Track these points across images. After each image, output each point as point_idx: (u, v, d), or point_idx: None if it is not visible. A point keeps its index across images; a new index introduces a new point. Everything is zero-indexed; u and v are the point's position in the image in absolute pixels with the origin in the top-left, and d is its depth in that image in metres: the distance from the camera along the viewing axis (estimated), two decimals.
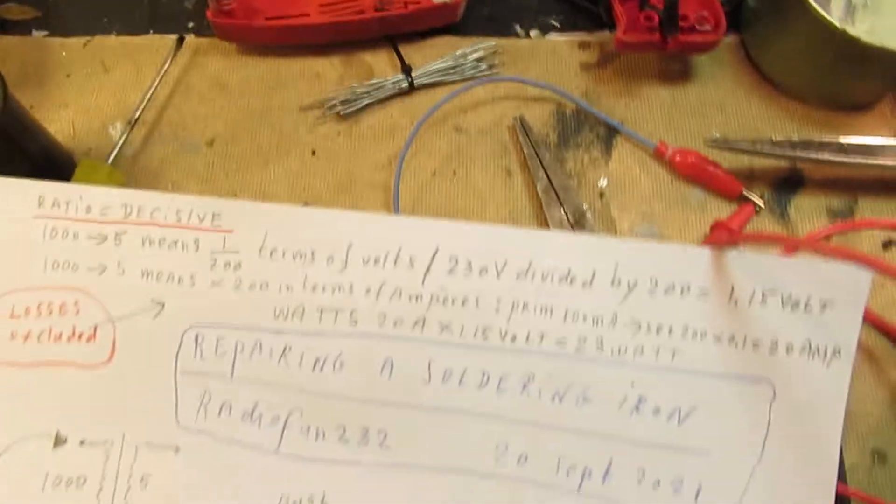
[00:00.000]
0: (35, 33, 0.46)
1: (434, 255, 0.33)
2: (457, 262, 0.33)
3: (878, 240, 0.40)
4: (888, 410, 0.38)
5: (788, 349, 0.32)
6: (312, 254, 0.33)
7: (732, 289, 0.32)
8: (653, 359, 0.32)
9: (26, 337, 0.34)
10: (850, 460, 0.36)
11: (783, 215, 0.41)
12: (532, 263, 0.33)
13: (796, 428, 0.32)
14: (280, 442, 0.33)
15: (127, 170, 0.41)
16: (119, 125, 0.43)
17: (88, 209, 0.34)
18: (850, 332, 0.31)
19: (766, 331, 0.32)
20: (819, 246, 0.34)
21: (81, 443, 0.33)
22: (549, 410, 0.33)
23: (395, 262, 0.33)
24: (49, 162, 0.39)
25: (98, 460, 0.33)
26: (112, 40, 0.45)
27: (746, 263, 0.32)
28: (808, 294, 0.31)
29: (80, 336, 0.34)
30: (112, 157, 0.40)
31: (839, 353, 0.31)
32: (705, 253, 0.32)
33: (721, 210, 0.41)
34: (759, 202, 0.41)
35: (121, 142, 0.41)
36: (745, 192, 0.41)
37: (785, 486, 0.32)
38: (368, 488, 0.33)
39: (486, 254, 0.33)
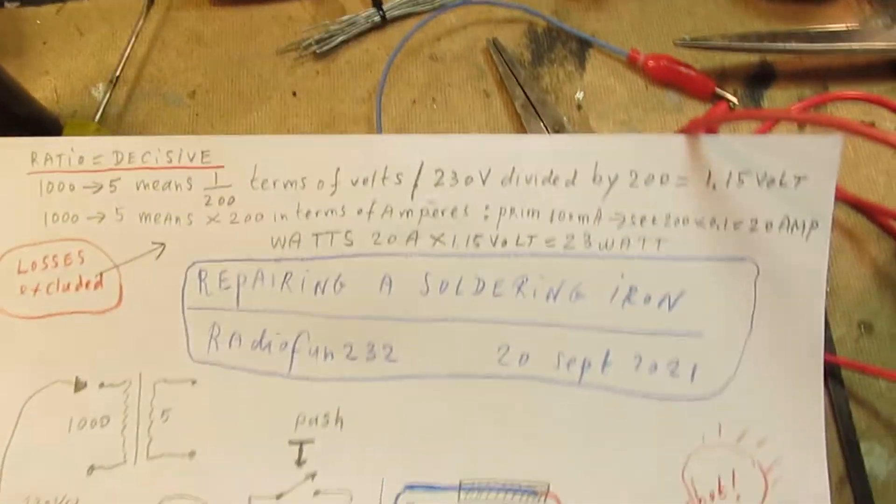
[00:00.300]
0: (7, 5, 0.46)
1: (420, 170, 0.34)
2: (442, 174, 0.34)
3: (853, 118, 0.41)
4: (871, 283, 0.39)
5: (768, 226, 0.33)
6: (303, 180, 0.34)
7: (710, 173, 0.33)
8: (639, 249, 0.34)
9: (35, 290, 0.35)
10: (837, 333, 0.38)
11: (758, 106, 0.42)
12: (515, 168, 0.34)
13: (781, 300, 0.33)
14: (291, 366, 0.35)
15: (113, 128, 0.42)
16: (101, 86, 0.43)
17: (81, 160, 0.35)
18: (825, 202, 0.32)
19: (746, 210, 0.33)
20: (801, 115, 0.35)
21: (101, 385, 0.35)
22: (544, 309, 0.34)
23: (384, 181, 0.34)
24: (38, 126, 0.39)
25: (119, 400, 0.35)
26: (85, 5, 0.46)
27: (721, 146, 0.33)
28: (782, 170, 0.33)
29: (87, 284, 0.35)
30: (98, 117, 0.41)
31: (817, 224, 0.33)
32: (681, 140, 0.33)
33: (696, 110, 0.42)
34: (733, 99, 0.42)
35: (104, 101, 0.42)
36: (718, 91, 0.42)
37: (775, 357, 0.33)
38: (380, 401, 0.34)
39: (469, 163, 0.34)
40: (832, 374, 0.37)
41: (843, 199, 0.40)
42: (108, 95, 0.42)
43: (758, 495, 0.33)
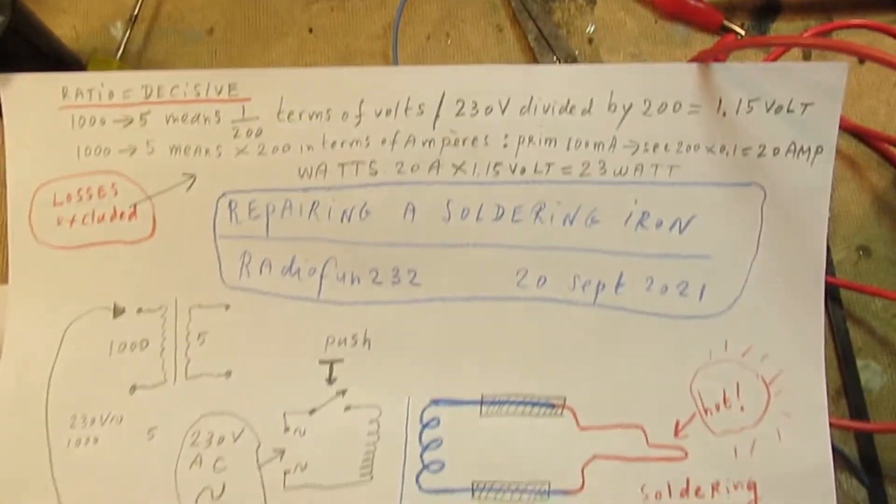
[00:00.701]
0: None
1: (441, 100, 0.35)
2: (463, 104, 0.35)
3: (854, 57, 0.43)
4: (871, 210, 0.41)
5: (775, 152, 0.35)
6: (328, 112, 0.36)
7: (720, 101, 0.34)
8: (652, 175, 0.35)
9: (71, 221, 0.37)
10: (837, 256, 0.40)
11: (763, 33, 0.43)
12: (533, 98, 0.35)
13: (787, 223, 0.35)
14: (319, 290, 0.36)
15: (134, 66, 0.43)
16: (119, 24, 0.44)
17: (111, 94, 0.36)
18: (830, 128, 0.34)
19: (754, 137, 0.35)
20: (810, 40, 0.36)
21: (139, 311, 0.37)
22: (561, 234, 0.36)
23: (406, 111, 0.35)
24: (61, 63, 0.40)
25: (156, 324, 0.36)
26: None
27: (732, 74, 0.34)
28: (790, 97, 0.34)
29: (121, 215, 0.37)
30: (119, 55, 0.42)
31: (821, 149, 0.34)
32: (693, 69, 0.34)
33: (704, 43, 0.43)
34: (741, 31, 0.43)
35: (124, 39, 0.42)
36: (725, 23, 0.43)
37: (780, 278, 0.35)
38: (405, 323, 0.36)
39: (489, 93, 0.35)
40: (831, 294, 0.39)
41: (845, 128, 0.41)
42: (127, 33, 0.43)
43: (760, 406, 0.35)
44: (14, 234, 0.37)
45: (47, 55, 0.39)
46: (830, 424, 0.35)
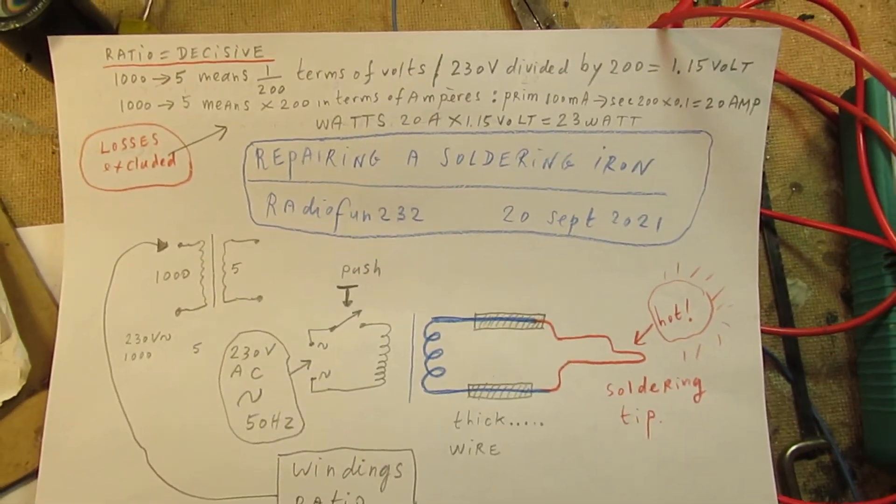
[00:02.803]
0: None
1: (440, 61, 0.41)
2: (458, 64, 0.41)
3: (793, 14, 0.49)
4: (803, 152, 0.48)
5: (720, 104, 0.41)
6: (341, 71, 0.41)
7: (675, 61, 0.41)
8: (618, 125, 0.41)
9: (118, 167, 0.42)
10: (773, 193, 0.47)
11: (717, 3, 0.49)
12: (518, 59, 0.41)
13: (729, 164, 0.41)
14: (336, 226, 0.42)
15: (158, 27, 0.48)
16: None
17: (150, 55, 0.41)
18: (765, 83, 0.40)
19: (703, 91, 0.41)
20: (748, 11, 0.42)
21: (179, 245, 0.42)
22: (541, 176, 0.42)
23: (409, 71, 0.41)
24: (94, 25, 0.44)
25: (195, 257, 0.42)
26: None
27: (685, 38, 0.40)
28: (732, 57, 0.40)
29: (161, 162, 0.42)
30: (145, 16, 0.47)
31: (759, 101, 0.41)
32: (652, 34, 0.40)
33: (666, 6, 0.49)
34: None
35: (149, 2, 0.47)
36: None
37: (723, 209, 0.42)
38: (409, 253, 0.42)
39: (480, 55, 0.41)
40: (767, 225, 0.46)
41: (783, 81, 0.47)
42: None
43: (705, 317, 0.42)
44: (67, 179, 0.42)
45: (86, 18, 0.43)
46: (762, 331, 0.42)
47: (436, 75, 0.41)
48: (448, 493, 0.40)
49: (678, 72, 0.41)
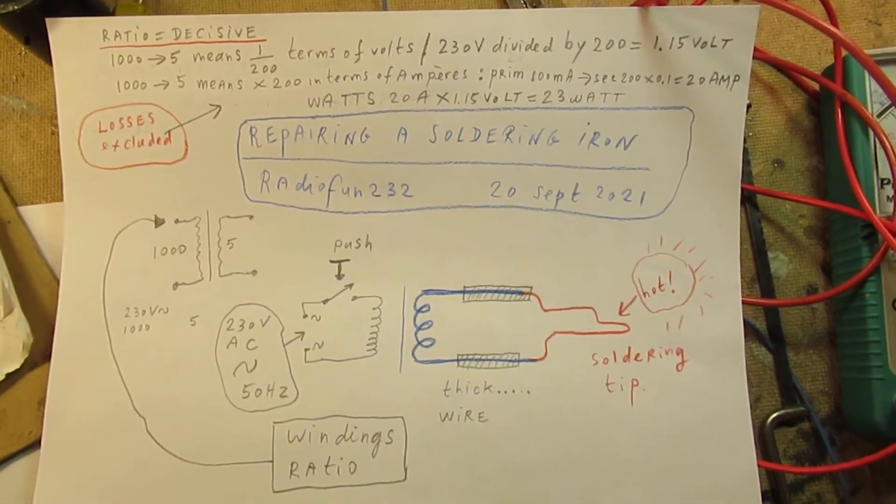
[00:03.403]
0: None
1: (427, 40, 0.42)
2: (445, 43, 0.42)
3: None
4: (784, 129, 0.49)
5: (701, 80, 0.42)
6: (332, 51, 0.42)
7: (657, 38, 0.42)
8: (602, 102, 0.43)
9: (115, 146, 0.43)
10: (756, 168, 0.48)
11: None
12: (503, 38, 0.42)
13: (710, 139, 0.43)
14: (328, 202, 0.44)
15: (154, 8, 0.49)
16: None
17: (146, 36, 0.42)
18: (745, 59, 0.41)
19: (684, 68, 0.42)
20: None
21: (176, 221, 0.44)
22: (527, 152, 0.43)
23: (398, 50, 0.42)
24: (92, 6, 0.45)
25: (191, 233, 0.44)
26: None
27: (666, 16, 0.41)
28: (713, 34, 0.41)
29: (158, 140, 0.43)
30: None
31: (738, 77, 0.42)
32: (634, 12, 0.41)
33: None
34: None
35: None
36: None
37: (704, 184, 0.43)
38: (400, 228, 0.44)
39: (467, 34, 0.42)
40: (749, 200, 0.47)
41: (766, 59, 0.49)
42: None
43: (687, 289, 0.44)
44: (66, 158, 0.43)
45: (83, 1, 0.44)
46: (743, 302, 0.44)
47: (424, 54, 0.42)
48: (438, 459, 0.42)
49: (660, 49, 0.42)
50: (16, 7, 0.40)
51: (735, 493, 0.41)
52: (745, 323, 0.44)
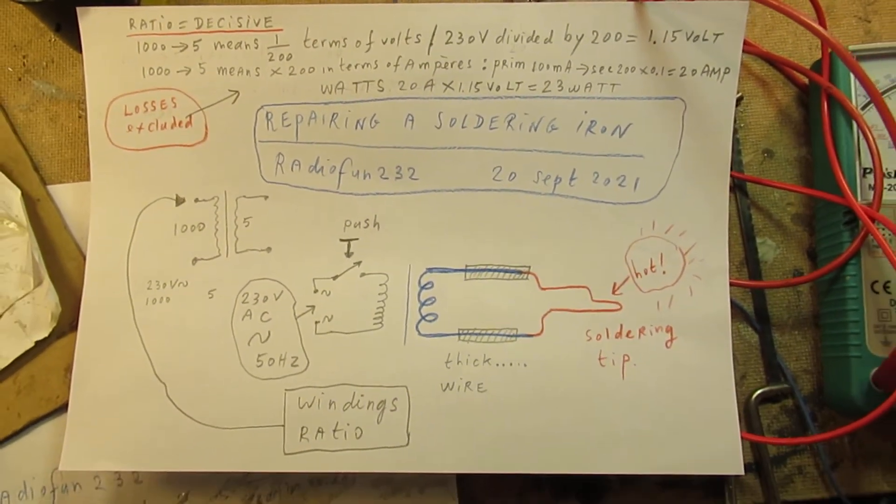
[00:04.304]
0: None
1: (434, 31, 0.44)
2: (451, 34, 0.44)
3: None
4: (775, 121, 0.51)
5: (693, 72, 0.44)
6: (344, 40, 0.45)
7: (651, 31, 0.44)
8: (599, 91, 0.45)
9: (140, 128, 0.46)
10: (746, 158, 0.50)
11: None
12: (506, 30, 0.44)
13: (702, 128, 0.45)
14: (339, 184, 0.46)
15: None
16: None
17: (169, 25, 0.45)
18: (735, 52, 0.44)
19: (677, 60, 0.44)
20: None
21: (196, 200, 0.46)
22: (528, 138, 0.45)
23: (406, 40, 0.44)
24: None
25: (210, 211, 0.46)
26: None
27: (660, 10, 0.44)
28: (704, 28, 0.43)
29: (179, 123, 0.46)
30: None
31: (728, 70, 0.44)
32: (630, 6, 0.44)
33: None
34: None
35: None
36: None
37: (696, 170, 0.45)
38: (406, 209, 0.46)
39: (471, 26, 0.44)
40: (740, 188, 0.50)
41: (758, 54, 0.51)
42: None
43: (678, 270, 0.46)
44: (94, 140, 0.46)
45: None
46: (731, 284, 0.46)
47: (431, 44, 0.44)
48: (439, 426, 0.44)
49: (654, 42, 0.44)
50: None
51: (719, 462, 0.44)
52: (733, 304, 0.46)
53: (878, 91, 0.37)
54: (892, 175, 0.44)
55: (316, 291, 0.46)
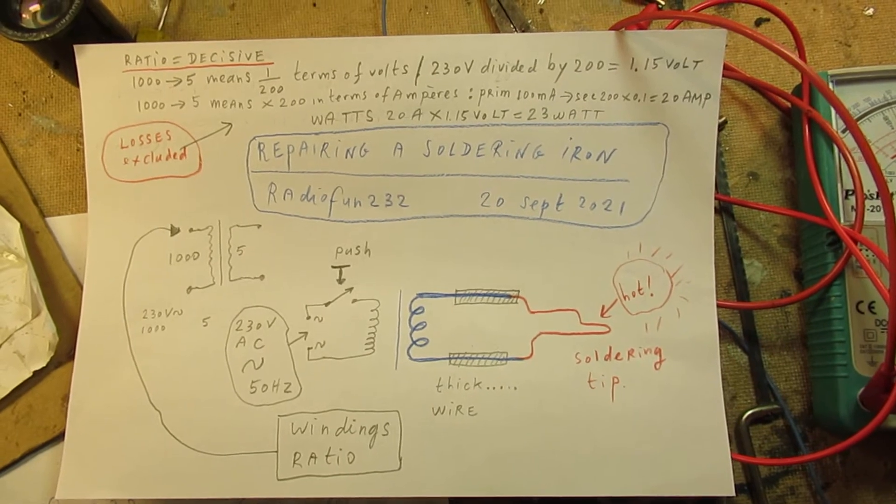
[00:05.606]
0: None
1: (421, 62, 0.45)
2: (437, 65, 0.45)
3: (751, 17, 0.53)
4: (759, 144, 0.52)
5: (675, 98, 0.45)
6: (333, 72, 0.46)
7: (633, 59, 0.45)
8: (583, 118, 0.46)
9: (135, 161, 0.47)
10: (732, 181, 0.51)
11: (680, 5, 0.53)
12: (491, 60, 0.45)
13: (685, 153, 0.46)
14: (330, 212, 0.47)
15: (172, 36, 0.53)
16: (157, 1, 0.54)
17: (164, 60, 0.46)
18: (715, 78, 0.45)
19: (659, 87, 0.45)
20: (699, 16, 0.47)
21: (190, 230, 0.47)
22: (514, 164, 0.46)
23: (394, 71, 0.46)
24: (116, 33, 0.50)
25: (204, 240, 0.47)
26: None
27: (640, 39, 0.45)
28: (684, 56, 0.44)
29: (174, 155, 0.47)
30: (160, 26, 0.52)
31: (709, 95, 0.45)
32: (612, 35, 0.45)
33: (632, 10, 0.53)
34: (661, 1, 0.53)
35: (163, 14, 0.52)
36: None
37: (680, 194, 0.46)
38: (396, 236, 0.47)
39: (457, 56, 0.45)
40: (726, 210, 0.50)
41: (741, 78, 0.52)
42: (165, 9, 0.52)
43: (665, 292, 0.46)
44: (91, 173, 0.47)
45: (107, 29, 0.49)
46: (718, 305, 0.46)
47: (418, 75, 0.46)
48: (430, 450, 0.45)
49: (636, 69, 0.45)
50: (47, 35, 0.44)
51: (710, 482, 0.44)
52: (722, 325, 0.47)
53: (852, 117, 0.38)
54: (874, 196, 0.45)
55: (308, 318, 0.47)
